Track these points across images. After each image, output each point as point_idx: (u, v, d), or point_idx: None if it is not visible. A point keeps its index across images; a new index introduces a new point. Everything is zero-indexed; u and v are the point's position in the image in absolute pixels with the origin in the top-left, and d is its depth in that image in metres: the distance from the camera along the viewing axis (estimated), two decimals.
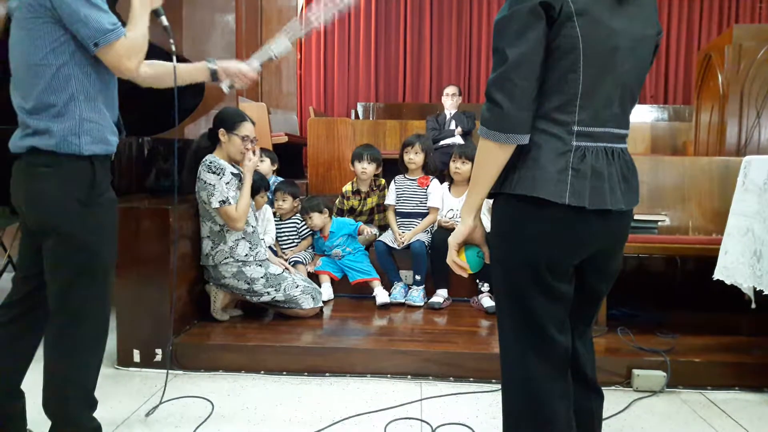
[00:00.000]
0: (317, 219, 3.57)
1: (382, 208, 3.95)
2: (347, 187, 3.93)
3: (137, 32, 1.72)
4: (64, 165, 1.68)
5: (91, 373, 1.84)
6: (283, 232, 3.70)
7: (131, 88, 1.91)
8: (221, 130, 2.93)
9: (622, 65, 1.26)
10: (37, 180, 1.68)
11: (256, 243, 3.06)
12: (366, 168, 3.80)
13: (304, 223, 3.70)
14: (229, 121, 2.94)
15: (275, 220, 3.70)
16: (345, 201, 3.88)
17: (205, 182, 2.86)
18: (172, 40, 1.93)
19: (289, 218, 3.71)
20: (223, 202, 2.85)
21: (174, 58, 1.92)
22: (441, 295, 3.41)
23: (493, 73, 1.23)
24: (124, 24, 1.73)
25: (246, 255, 2.96)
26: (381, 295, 3.39)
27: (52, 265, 1.73)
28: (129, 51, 1.68)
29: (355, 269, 3.52)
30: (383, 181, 3.98)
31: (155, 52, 1.89)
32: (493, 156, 1.27)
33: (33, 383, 1.88)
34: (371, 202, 3.90)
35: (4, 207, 2.65)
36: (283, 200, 3.64)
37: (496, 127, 1.23)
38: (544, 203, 1.25)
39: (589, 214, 1.26)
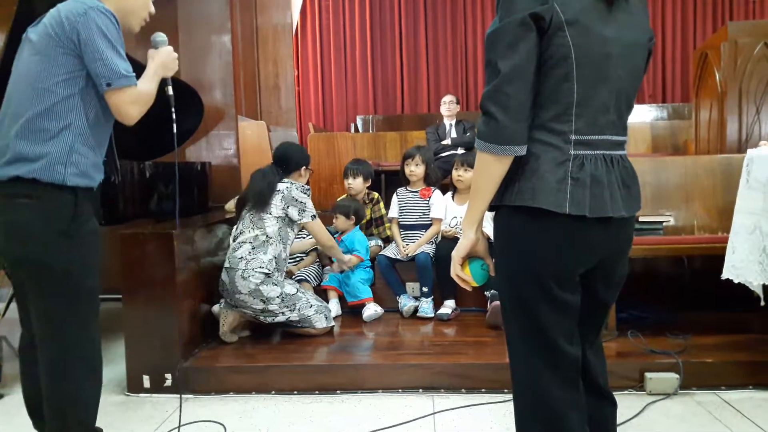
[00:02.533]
0: (342, 222, 3.64)
1: (379, 221, 3.97)
2: (340, 200, 3.96)
3: (147, 87, 1.80)
4: (44, 196, 1.66)
5: (87, 403, 1.80)
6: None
7: None
8: (304, 167, 3.31)
9: (615, 72, 1.26)
10: (16, 211, 1.67)
11: (283, 267, 3.13)
12: (352, 183, 3.86)
13: (309, 236, 3.72)
14: (307, 159, 3.38)
15: None
16: None
17: (296, 199, 3.14)
18: (173, 109, 2.00)
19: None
20: (314, 216, 3.18)
21: (174, 125, 2.01)
22: (449, 306, 3.40)
23: (486, 86, 1.24)
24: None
25: (273, 272, 3.01)
26: (368, 310, 3.40)
27: (35, 296, 1.72)
28: (135, 99, 1.74)
29: (349, 291, 3.52)
30: (376, 195, 4.03)
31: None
32: (491, 168, 1.27)
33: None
34: (366, 215, 3.92)
35: None
36: None
37: (492, 140, 1.23)
38: (544, 214, 1.24)
39: (591, 223, 1.25)
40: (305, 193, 3.20)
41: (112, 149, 1.92)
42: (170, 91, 1.99)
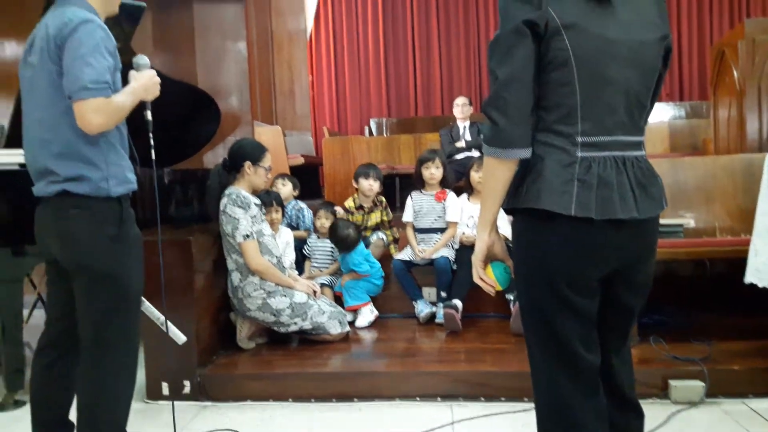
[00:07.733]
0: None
1: (387, 224, 4.01)
2: (349, 203, 3.98)
3: (119, 99, 1.71)
4: (93, 206, 1.75)
5: (122, 405, 1.86)
6: (318, 252, 3.73)
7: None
8: (247, 163, 2.95)
9: (622, 73, 1.25)
10: (68, 221, 1.74)
11: (286, 268, 3.08)
12: (372, 185, 3.87)
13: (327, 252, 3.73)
14: (255, 153, 2.98)
15: (313, 239, 3.74)
16: (349, 216, 3.90)
17: (230, 216, 2.88)
18: (150, 134, 1.93)
19: (327, 238, 3.72)
20: (247, 236, 2.86)
21: (152, 151, 1.94)
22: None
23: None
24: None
25: (276, 285, 2.95)
26: (362, 317, 3.39)
27: (86, 300, 1.78)
28: (99, 108, 1.64)
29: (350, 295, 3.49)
30: (383, 199, 4.05)
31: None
32: (496, 172, 1.30)
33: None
34: (375, 218, 3.94)
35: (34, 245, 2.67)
36: (326, 218, 3.69)
37: (495, 144, 1.26)
38: (552, 216, 1.24)
39: (601, 226, 1.24)
40: (241, 207, 2.87)
41: (131, 148, 1.92)
42: (149, 116, 1.92)
